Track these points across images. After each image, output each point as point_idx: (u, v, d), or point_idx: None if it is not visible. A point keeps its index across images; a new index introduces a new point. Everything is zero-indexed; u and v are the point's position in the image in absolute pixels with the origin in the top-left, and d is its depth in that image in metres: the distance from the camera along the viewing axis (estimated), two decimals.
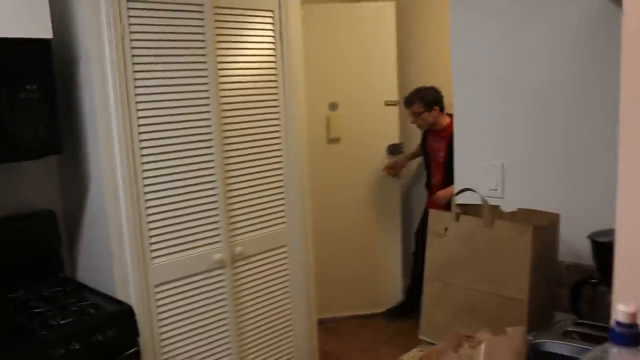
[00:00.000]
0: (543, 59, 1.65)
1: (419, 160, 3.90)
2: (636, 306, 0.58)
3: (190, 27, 2.25)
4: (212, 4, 2.31)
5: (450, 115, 3.44)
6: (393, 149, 3.82)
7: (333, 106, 3.74)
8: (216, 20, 2.34)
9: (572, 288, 1.38)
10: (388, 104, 3.76)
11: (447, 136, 3.41)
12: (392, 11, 3.72)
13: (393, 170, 3.82)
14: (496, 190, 1.80)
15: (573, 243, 1.57)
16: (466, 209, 1.49)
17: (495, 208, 1.52)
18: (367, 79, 3.73)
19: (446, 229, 1.47)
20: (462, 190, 1.52)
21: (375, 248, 3.93)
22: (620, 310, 0.59)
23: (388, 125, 3.80)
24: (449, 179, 3.34)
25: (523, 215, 1.49)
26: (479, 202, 1.46)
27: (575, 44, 1.58)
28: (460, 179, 1.90)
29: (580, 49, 1.57)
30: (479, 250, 1.39)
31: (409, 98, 3.51)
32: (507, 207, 1.55)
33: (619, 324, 0.59)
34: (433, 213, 1.51)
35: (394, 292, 4.00)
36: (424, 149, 3.67)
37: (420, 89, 3.51)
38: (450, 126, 3.40)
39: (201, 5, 2.28)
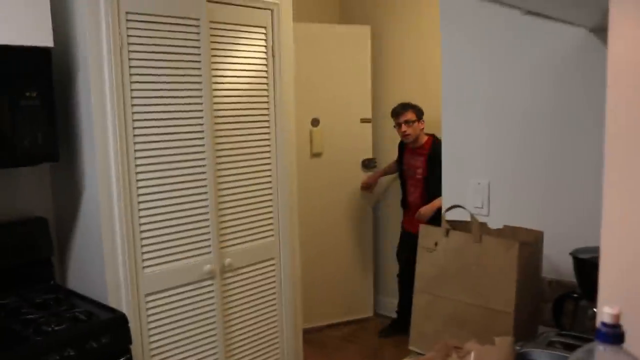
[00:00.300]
0: (530, 84, 1.74)
1: (389, 176, 4.08)
2: (619, 308, 0.66)
3: (186, 40, 2.31)
4: (208, 18, 2.37)
5: (428, 135, 3.57)
6: (368, 163, 4.07)
7: (315, 122, 3.89)
8: (212, 35, 2.39)
9: (554, 302, 1.46)
10: (363, 120, 4.02)
11: (425, 153, 3.53)
12: (367, 35, 3.99)
13: (368, 189, 4.06)
14: (482, 208, 1.88)
15: (555, 260, 1.65)
16: (455, 225, 1.56)
17: (483, 225, 1.60)
18: (345, 96, 3.95)
19: (436, 244, 1.53)
20: (451, 207, 1.59)
21: (348, 258, 4.10)
22: (606, 312, 0.66)
23: (363, 141, 4.05)
24: (429, 195, 3.44)
25: (509, 232, 1.56)
26: (466, 218, 1.53)
27: (561, 69, 1.67)
28: (448, 196, 1.97)
29: (565, 74, 1.67)
30: (467, 265, 1.45)
31: (402, 106, 3.59)
32: (492, 224, 1.62)
33: (604, 324, 0.67)
34: (423, 228, 1.58)
35: (367, 300, 4.20)
36: (400, 167, 3.77)
37: (409, 102, 3.61)
38: (428, 144, 3.52)
39: (197, 19, 2.34)
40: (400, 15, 3.96)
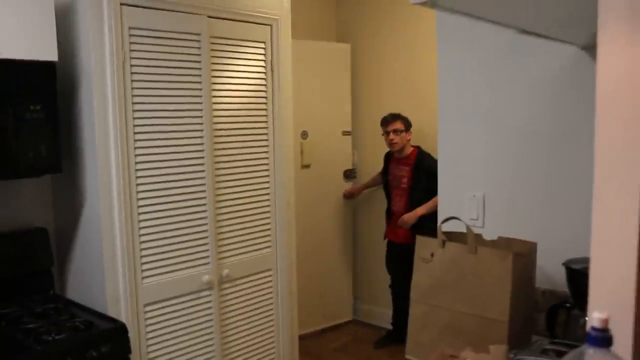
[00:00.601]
0: (526, 98, 1.79)
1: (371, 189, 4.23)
2: (608, 314, 0.69)
3: (187, 55, 2.35)
4: (209, 33, 2.42)
5: (413, 146, 3.70)
6: (349, 174, 4.27)
7: (304, 134, 4.04)
8: (212, 50, 2.44)
9: (548, 312, 1.49)
10: (344, 133, 4.24)
11: (411, 164, 3.64)
12: (347, 52, 4.21)
13: (351, 197, 4.27)
14: (477, 219, 1.91)
15: (548, 270, 1.68)
16: (451, 236, 1.59)
17: (478, 236, 1.63)
18: (327, 110, 4.13)
19: (432, 255, 1.56)
20: (447, 219, 1.62)
21: (329, 265, 4.22)
22: (595, 317, 0.70)
23: (344, 153, 4.25)
24: (413, 205, 3.51)
25: (503, 243, 1.60)
26: (462, 230, 1.56)
27: (556, 85, 1.72)
28: (444, 209, 2.01)
29: (560, 89, 1.72)
30: (463, 275, 1.49)
31: (392, 116, 3.69)
32: (487, 236, 1.66)
33: (594, 328, 0.70)
34: (420, 239, 1.61)
35: (346, 304, 4.35)
36: (385, 177, 3.85)
37: (399, 113, 3.71)
38: (413, 155, 3.61)
39: (198, 35, 2.38)
40: (383, 34, 4.10)
